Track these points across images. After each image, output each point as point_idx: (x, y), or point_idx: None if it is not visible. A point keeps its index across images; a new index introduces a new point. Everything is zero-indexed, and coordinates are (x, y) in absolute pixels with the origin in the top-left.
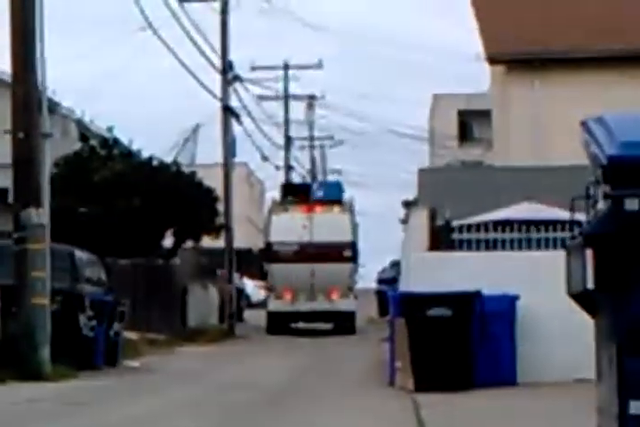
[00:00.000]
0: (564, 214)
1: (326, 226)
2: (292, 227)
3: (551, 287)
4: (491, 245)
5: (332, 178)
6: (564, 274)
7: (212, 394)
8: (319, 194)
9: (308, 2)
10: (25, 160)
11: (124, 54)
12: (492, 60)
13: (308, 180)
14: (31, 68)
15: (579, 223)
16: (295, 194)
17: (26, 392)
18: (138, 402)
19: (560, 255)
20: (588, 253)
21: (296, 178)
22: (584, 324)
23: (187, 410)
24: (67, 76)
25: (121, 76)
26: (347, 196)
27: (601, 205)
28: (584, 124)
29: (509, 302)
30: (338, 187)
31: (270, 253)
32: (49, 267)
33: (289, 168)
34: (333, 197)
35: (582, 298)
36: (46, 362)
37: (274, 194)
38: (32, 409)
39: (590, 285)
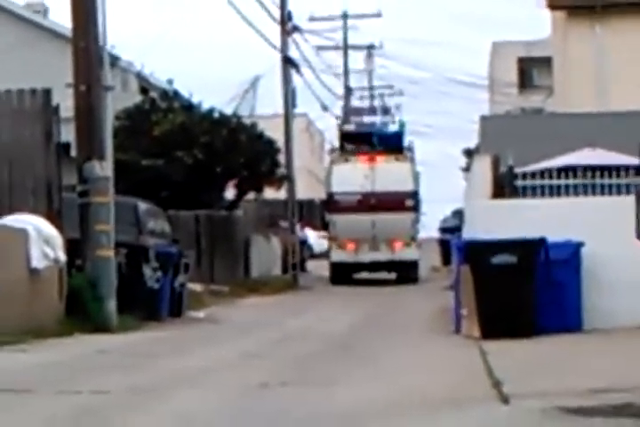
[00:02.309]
0: (628, 160)
1: (387, 175)
2: (353, 177)
3: (617, 233)
4: (555, 192)
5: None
6: (629, 220)
7: (276, 345)
8: (380, 141)
9: None
10: (87, 113)
11: (184, 7)
12: (553, 5)
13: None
14: (92, 22)
15: None
16: (355, 141)
17: (94, 344)
18: (203, 353)
19: (625, 201)
20: None
21: None
22: None
23: (251, 361)
24: (126, 29)
25: (179, 28)
26: (407, 144)
27: None
28: None
29: (574, 248)
30: (400, 132)
31: (332, 204)
32: (113, 220)
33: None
34: (395, 141)
35: None
36: (112, 314)
37: (334, 143)
38: (99, 361)
39: None
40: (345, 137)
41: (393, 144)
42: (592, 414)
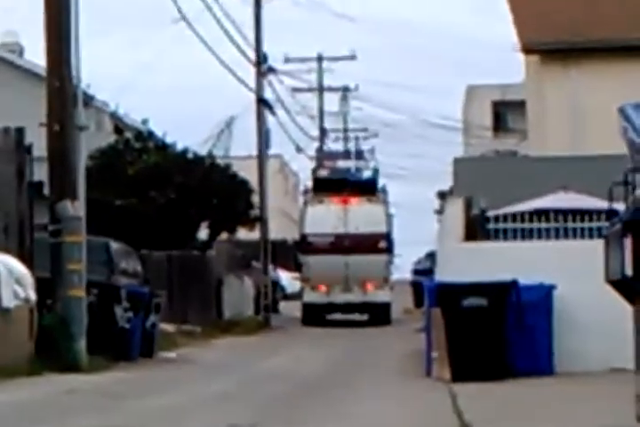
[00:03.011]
0: (599, 204)
1: (361, 217)
2: (326, 218)
3: (588, 277)
4: (527, 235)
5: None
6: (600, 263)
7: (248, 385)
8: (354, 184)
9: None
10: (60, 153)
11: (158, 47)
12: (527, 49)
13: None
14: (66, 62)
15: (616, 212)
16: (329, 186)
17: (63, 384)
18: (174, 393)
19: (596, 244)
20: (627, 239)
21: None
22: (621, 313)
23: (223, 402)
24: (101, 70)
25: (155, 68)
26: (381, 186)
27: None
28: (621, 110)
29: (546, 291)
30: (372, 183)
31: (305, 245)
32: (85, 259)
33: None
34: (368, 185)
35: (621, 285)
36: (83, 354)
37: (307, 184)
38: (70, 401)
39: (629, 272)
40: (318, 183)
41: (366, 190)
42: None
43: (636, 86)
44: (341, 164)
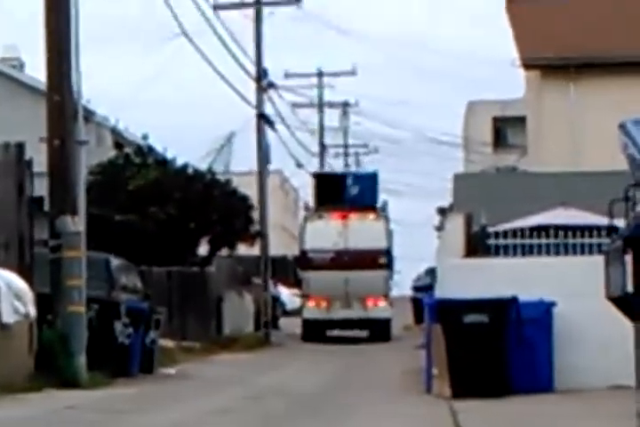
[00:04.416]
0: (600, 220)
1: (361, 233)
2: (326, 234)
3: (588, 293)
4: (527, 251)
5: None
6: (601, 280)
7: (247, 402)
8: (354, 191)
9: (342, 9)
10: (60, 168)
11: (159, 62)
12: (527, 65)
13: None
14: (66, 76)
15: (616, 228)
16: (329, 187)
17: (63, 400)
18: (173, 409)
19: (597, 261)
20: (628, 256)
21: None
22: (621, 330)
23: (222, 418)
24: (101, 85)
25: (155, 83)
26: (381, 202)
27: None
28: (622, 126)
29: (546, 308)
30: (373, 181)
31: (305, 261)
32: (84, 275)
33: None
34: (369, 194)
35: (621, 302)
36: (82, 370)
37: (307, 199)
38: (70, 417)
39: (630, 288)
40: (319, 180)
41: (367, 188)
42: None
43: (636, 101)
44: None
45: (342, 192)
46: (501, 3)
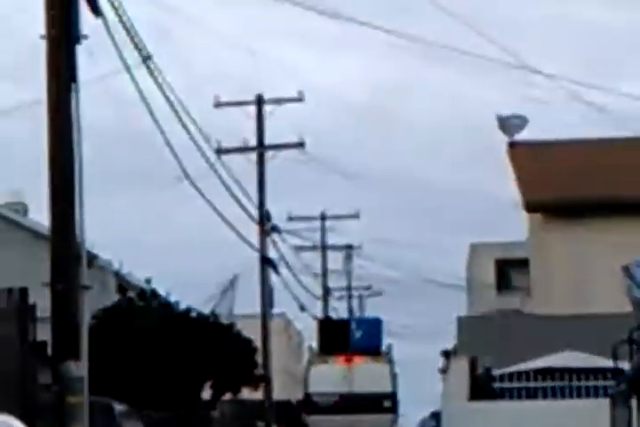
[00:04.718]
0: (605, 362)
1: (366, 376)
2: (331, 377)
3: None
4: (532, 394)
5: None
6: (607, 422)
7: None
8: (358, 335)
9: (344, 152)
10: (63, 313)
11: (162, 207)
12: (530, 207)
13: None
14: (69, 221)
15: (621, 371)
16: (333, 332)
17: None
18: None
19: (602, 404)
20: (633, 399)
21: None
22: None
23: None
24: (104, 228)
25: (159, 228)
26: (385, 345)
27: None
28: (625, 269)
29: None
30: (377, 326)
31: (309, 405)
32: (87, 420)
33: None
34: (373, 339)
35: None
36: None
37: (312, 343)
38: None
39: None
40: (323, 326)
41: (372, 335)
42: None
43: (639, 243)
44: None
45: (346, 337)
46: (503, 145)
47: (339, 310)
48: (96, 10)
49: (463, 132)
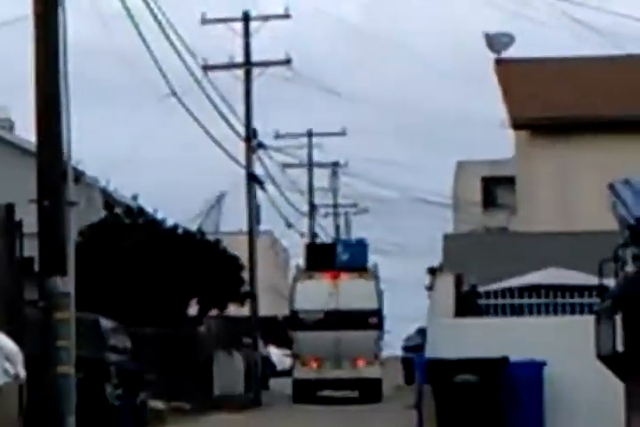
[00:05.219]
0: (590, 279)
1: (351, 293)
2: (316, 294)
3: (579, 353)
4: (517, 311)
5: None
6: (591, 339)
7: None
8: (344, 257)
9: (332, 70)
10: (50, 229)
11: (148, 122)
12: (516, 125)
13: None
14: (56, 137)
15: (606, 288)
16: (319, 255)
17: None
18: None
19: (587, 321)
20: (618, 315)
21: None
22: (612, 390)
23: None
24: (91, 145)
25: (145, 144)
26: (371, 262)
27: (630, 267)
28: (611, 186)
29: (536, 368)
30: (363, 248)
31: (295, 321)
32: (74, 336)
33: (313, 235)
34: (359, 260)
35: (612, 361)
36: None
37: (298, 261)
38: None
39: (620, 347)
40: (310, 249)
41: (357, 258)
42: None
43: (624, 161)
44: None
45: (332, 259)
46: (490, 63)
47: (325, 227)
48: None
49: (453, 52)
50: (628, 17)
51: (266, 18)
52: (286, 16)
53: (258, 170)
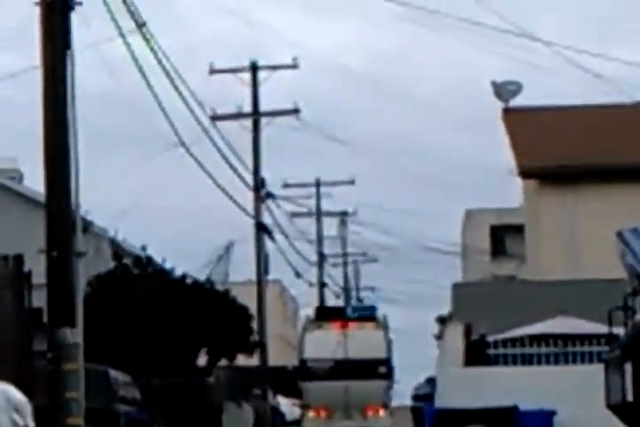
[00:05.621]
0: (599, 328)
1: (361, 342)
2: (326, 343)
3: (588, 402)
4: (527, 360)
5: (364, 295)
6: (601, 388)
7: None
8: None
9: (340, 119)
10: (59, 279)
11: (157, 172)
12: (525, 174)
13: (342, 297)
14: (65, 187)
15: (616, 336)
16: (329, 317)
17: None
18: None
19: (596, 370)
20: (627, 364)
21: (329, 295)
22: None
23: None
24: (100, 196)
25: (153, 194)
26: (380, 312)
27: (639, 315)
28: (620, 234)
29: (546, 417)
30: (372, 310)
31: (304, 371)
32: (83, 387)
33: (322, 285)
34: (367, 316)
35: (622, 410)
36: None
37: (307, 312)
38: None
39: (630, 397)
40: (319, 311)
41: (366, 316)
42: None
43: (633, 210)
44: None
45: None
46: (498, 112)
47: (334, 276)
48: None
49: (460, 100)
50: (631, 64)
51: (274, 68)
52: (294, 66)
53: (266, 219)
